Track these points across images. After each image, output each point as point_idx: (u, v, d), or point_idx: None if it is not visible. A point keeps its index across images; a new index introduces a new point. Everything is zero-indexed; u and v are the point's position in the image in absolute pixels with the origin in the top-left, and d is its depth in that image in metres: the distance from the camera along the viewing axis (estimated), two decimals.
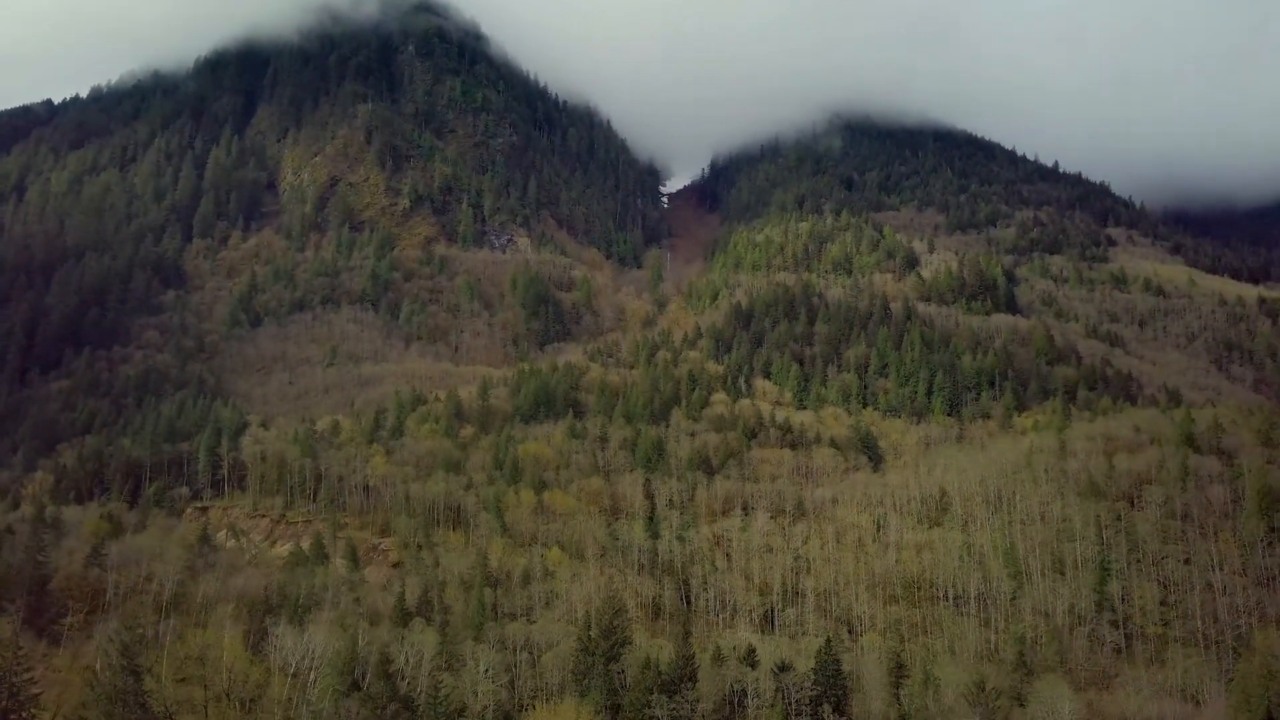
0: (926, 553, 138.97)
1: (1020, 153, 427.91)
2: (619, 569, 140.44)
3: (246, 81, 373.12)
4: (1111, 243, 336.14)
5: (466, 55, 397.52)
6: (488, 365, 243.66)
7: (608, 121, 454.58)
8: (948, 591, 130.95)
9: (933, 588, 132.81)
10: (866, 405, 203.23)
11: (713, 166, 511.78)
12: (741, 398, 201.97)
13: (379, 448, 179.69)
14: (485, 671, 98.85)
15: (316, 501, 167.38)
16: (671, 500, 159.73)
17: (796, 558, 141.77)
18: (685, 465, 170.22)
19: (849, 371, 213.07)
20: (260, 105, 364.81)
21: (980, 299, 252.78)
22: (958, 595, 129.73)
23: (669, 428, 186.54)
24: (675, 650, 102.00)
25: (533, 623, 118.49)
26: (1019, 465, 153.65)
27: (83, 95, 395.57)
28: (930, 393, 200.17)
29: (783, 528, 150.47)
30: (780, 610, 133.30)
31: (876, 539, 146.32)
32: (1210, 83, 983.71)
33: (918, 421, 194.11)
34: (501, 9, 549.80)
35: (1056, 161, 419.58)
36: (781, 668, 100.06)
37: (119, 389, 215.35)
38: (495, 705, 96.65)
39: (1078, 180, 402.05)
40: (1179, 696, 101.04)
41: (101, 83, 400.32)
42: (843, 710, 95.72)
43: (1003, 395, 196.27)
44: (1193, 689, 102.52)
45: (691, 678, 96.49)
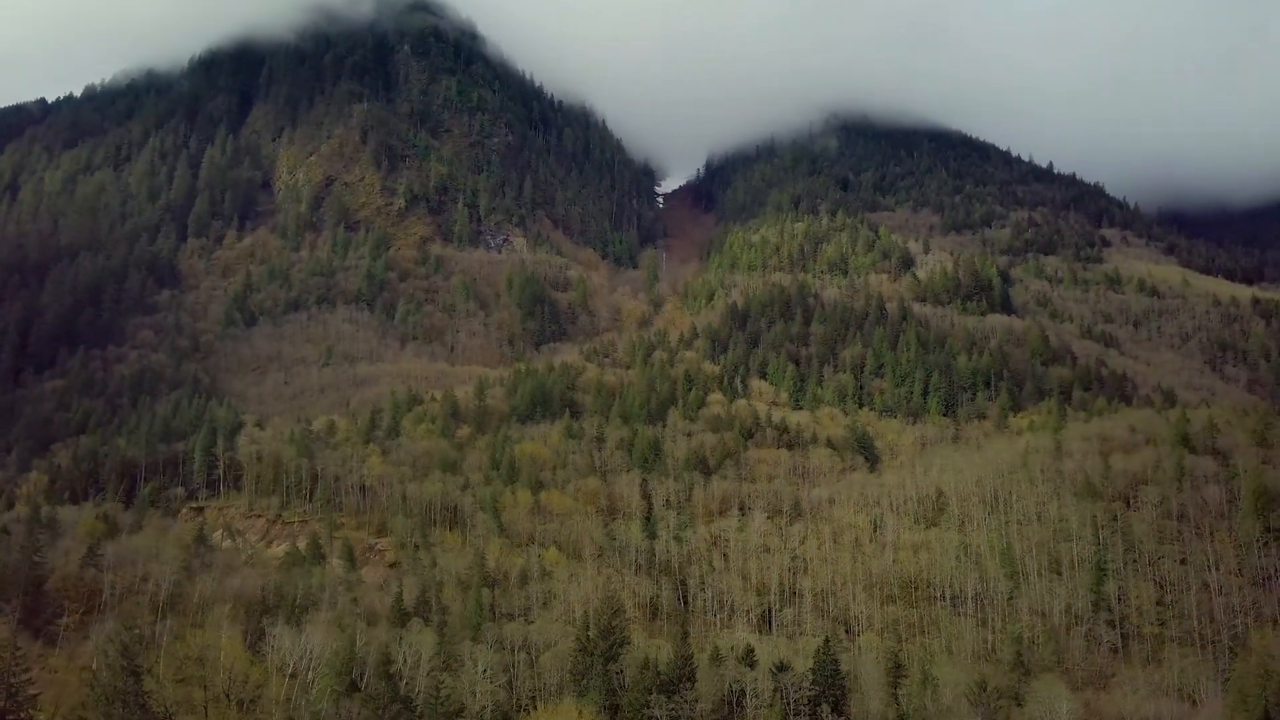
0: (923, 553, 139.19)
1: (1015, 153, 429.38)
2: (616, 569, 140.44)
3: (241, 81, 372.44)
4: (1106, 243, 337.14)
5: (462, 55, 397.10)
6: (483, 365, 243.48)
7: (603, 121, 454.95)
8: (945, 591, 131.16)
9: (930, 588, 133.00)
10: (862, 405, 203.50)
11: (708, 167, 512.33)
12: (738, 398, 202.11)
13: (375, 448, 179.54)
14: (484, 672, 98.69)
15: (312, 502, 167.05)
16: (668, 500, 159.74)
17: (794, 558, 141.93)
18: (682, 465, 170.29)
19: (845, 372, 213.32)
20: (255, 104, 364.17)
21: (975, 299, 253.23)
22: (955, 595, 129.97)
23: (665, 428, 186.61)
24: (674, 650, 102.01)
25: (530, 623, 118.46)
26: (1015, 465, 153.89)
27: (77, 94, 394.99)
28: (926, 393, 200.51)
29: (780, 528, 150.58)
30: (778, 610, 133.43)
31: (873, 539, 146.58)
32: (1204, 84, 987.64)
33: (914, 422, 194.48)
34: (497, 8, 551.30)
35: (1051, 162, 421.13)
36: (780, 668, 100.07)
37: (114, 388, 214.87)
38: (494, 705, 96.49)
39: (1072, 181, 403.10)
40: (1176, 696, 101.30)
41: (96, 81, 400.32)
42: (841, 710, 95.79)
43: (998, 396, 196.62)
44: (1189, 689, 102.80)
45: (690, 678, 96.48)
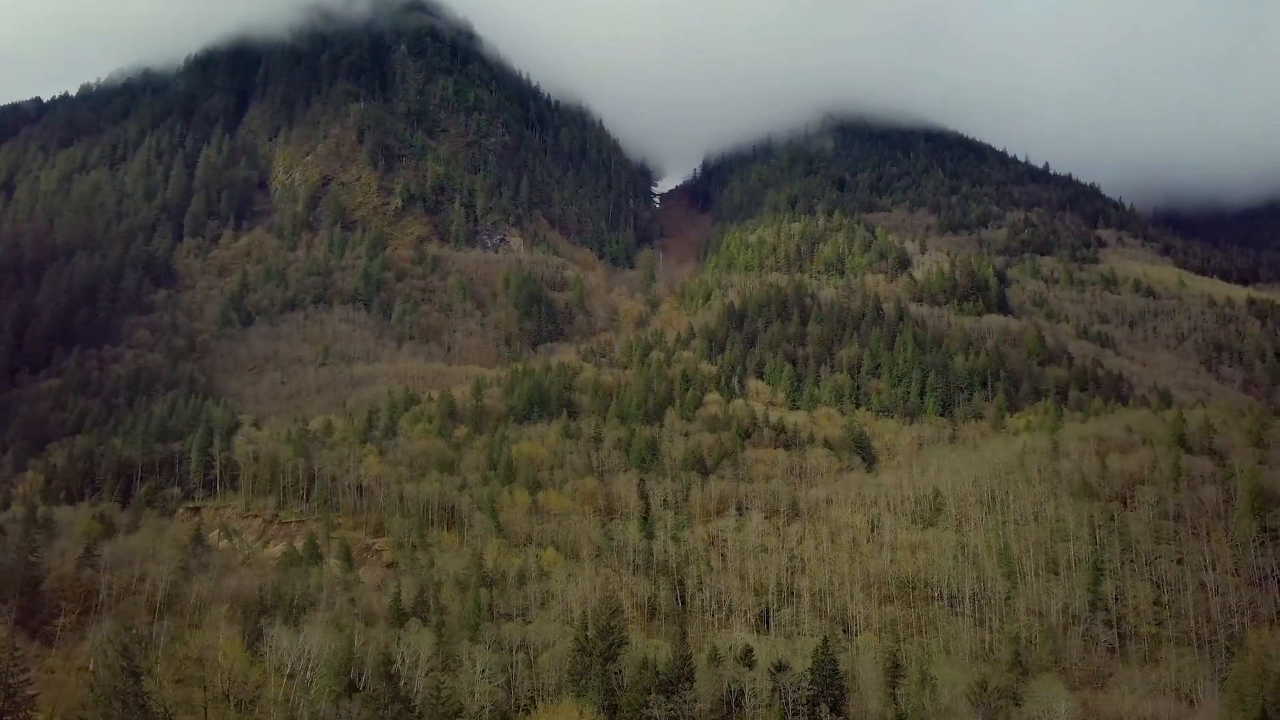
0: (921, 553, 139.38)
1: (1011, 154, 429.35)
2: (614, 569, 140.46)
3: (238, 80, 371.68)
4: (1102, 244, 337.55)
5: (459, 54, 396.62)
6: (480, 365, 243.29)
7: (600, 121, 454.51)
8: (942, 591, 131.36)
9: (927, 588, 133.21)
10: (859, 406, 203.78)
11: (705, 167, 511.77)
12: (735, 398, 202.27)
13: (372, 448, 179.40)
14: (482, 672, 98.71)
15: (309, 502, 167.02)
16: (666, 500, 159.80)
17: (791, 558, 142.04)
18: (679, 465, 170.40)
19: (842, 372, 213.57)
20: (252, 104, 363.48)
21: (972, 300, 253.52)
22: (952, 595, 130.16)
23: (663, 428, 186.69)
24: (672, 650, 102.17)
25: (529, 623, 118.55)
26: (1012, 466, 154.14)
27: (72, 93, 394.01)
28: (923, 393, 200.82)
29: (777, 528, 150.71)
30: (775, 610, 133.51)
31: (871, 539, 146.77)
32: (1200, 86, 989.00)
33: (910, 422, 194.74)
34: (494, 8, 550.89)
35: (1047, 163, 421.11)
36: (778, 667, 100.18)
37: (110, 388, 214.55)
38: (492, 706, 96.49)
39: (1068, 182, 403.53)
40: (1173, 696, 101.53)
41: (91, 80, 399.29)
42: (840, 710, 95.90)
43: (995, 396, 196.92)
44: (1186, 688, 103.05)
45: (689, 678, 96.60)
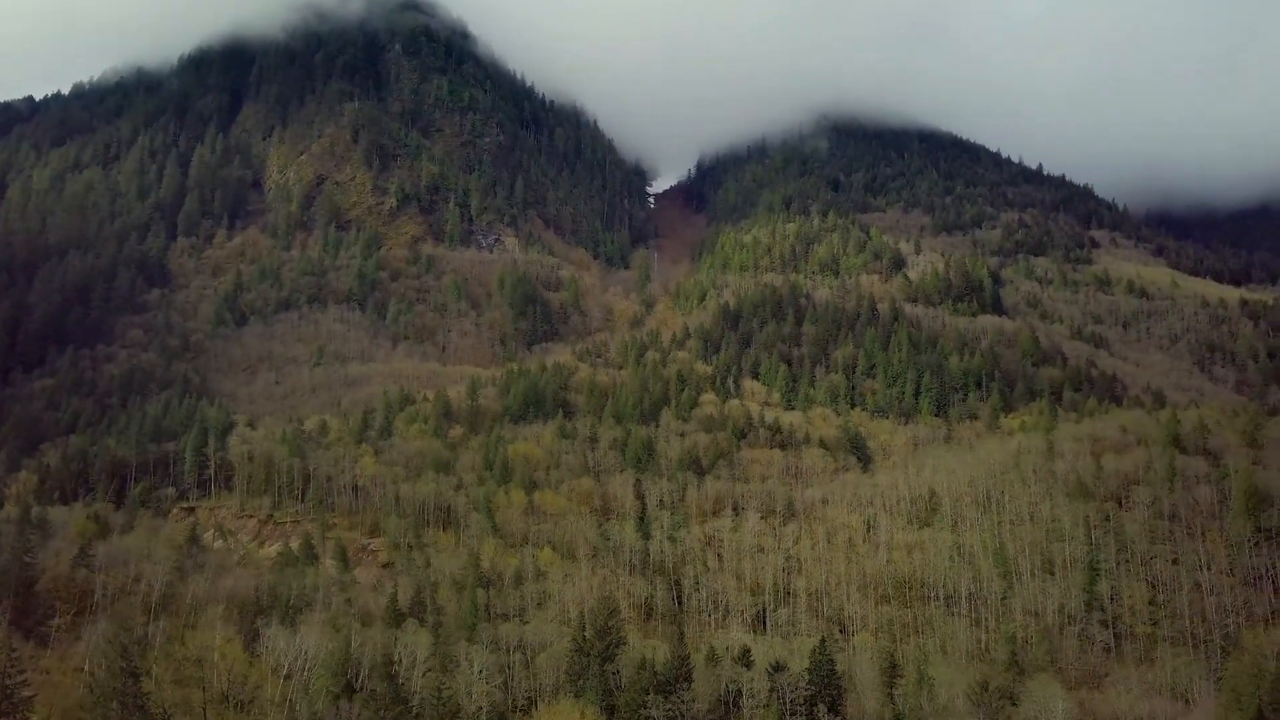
0: (917, 553, 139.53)
1: (1005, 155, 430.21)
2: (610, 569, 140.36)
3: (231, 79, 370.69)
4: (1095, 245, 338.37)
5: (453, 54, 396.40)
6: (475, 365, 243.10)
7: (594, 121, 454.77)
8: (939, 591, 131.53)
9: (924, 588, 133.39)
10: (854, 406, 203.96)
11: (699, 167, 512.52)
12: (730, 398, 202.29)
13: (367, 448, 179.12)
14: (479, 672, 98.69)
15: (305, 502, 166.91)
16: (662, 500, 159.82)
17: (788, 558, 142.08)
18: (675, 465, 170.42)
19: (837, 372, 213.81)
20: (245, 103, 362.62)
21: (966, 300, 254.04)
22: (949, 595, 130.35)
23: (659, 428, 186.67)
24: (670, 650, 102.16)
25: (526, 623, 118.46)
26: (1007, 466, 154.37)
27: (65, 92, 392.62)
28: (918, 393, 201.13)
29: (773, 528, 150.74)
30: (772, 610, 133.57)
31: (867, 539, 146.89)
32: (1192, 88, 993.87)
33: (905, 422, 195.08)
34: (488, 8, 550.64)
35: (1041, 164, 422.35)
36: (776, 668, 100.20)
37: (103, 388, 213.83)
38: (489, 706, 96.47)
39: (1062, 183, 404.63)
40: (1169, 695, 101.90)
41: (84, 79, 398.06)
42: (837, 710, 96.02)
43: (989, 396, 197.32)
44: (1182, 688, 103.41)
45: (687, 678, 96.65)
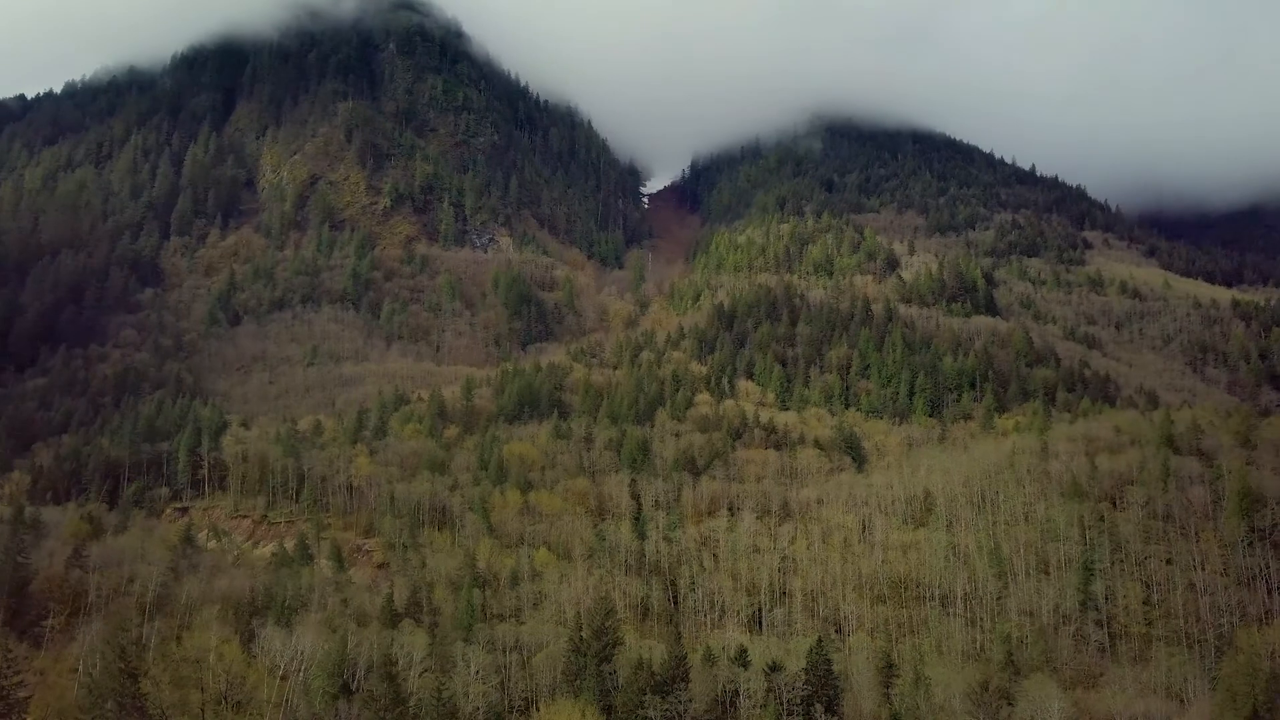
0: (912, 553, 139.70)
1: (998, 156, 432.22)
2: (606, 570, 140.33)
3: (225, 78, 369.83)
4: (1088, 245, 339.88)
5: (448, 54, 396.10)
6: (470, 365, 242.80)
7: (589, 121, 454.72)
8: (934, 591, 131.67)
9: (919, 588, 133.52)
10: (849, 406, 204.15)
11: (693, 167, 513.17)
12: (725, 398, 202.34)
13: (362, 448, 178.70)
14: (476, 673, 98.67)
15: (299, 502, 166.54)
16: (657, 501, 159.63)
17: (783, 558, 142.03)
18: (671, 466, 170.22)
19: (831, 373, 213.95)
20: (239, 102, 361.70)
21: (960, 301, 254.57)
22: (944, 595, 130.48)
23: (654, 428, 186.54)
24: (667, 651, 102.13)
25: (522, 624, 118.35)
26: (1002, 466, 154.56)
27: (57, 90, 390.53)
28: (912, 394, 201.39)
29: (769, 528, 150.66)
30: (768, 610, 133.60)
31: (862, 539, 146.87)
32: (1185, 90, 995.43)
33: (900, 422, 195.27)
34: (483, 7, 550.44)
35: (1034, 165, 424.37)
36: (773, 668, 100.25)
37: (96, 388, 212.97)
38: (487, 707, 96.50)
39: (1054, 184, 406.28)
40: (1164, 695, 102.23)
41: (76, 78, 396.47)
42: (835, 710, 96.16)
43: (984, 397, 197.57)
44: (1177, 687, 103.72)
45: (684, 678, 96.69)
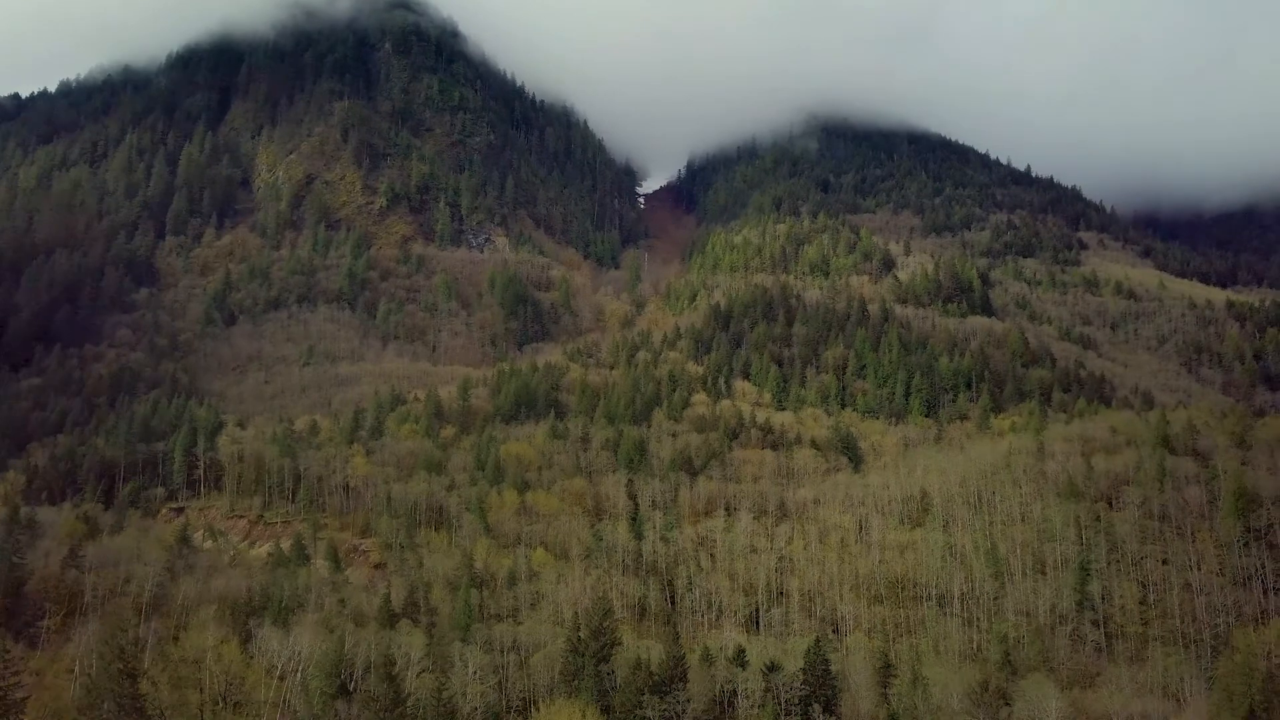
0: (909, 553, 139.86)
1: (994, 156, 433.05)
2: (604, 570, 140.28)
3: (220, 77, 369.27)
4: (1083, 246, 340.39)
5: (444, 53, 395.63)
6: (466, 365, 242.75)
7: (584, 121, 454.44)
8: (931, 591, 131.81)
9: (916, 588, 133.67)
10: (845, 406, 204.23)
11: (689, 167, 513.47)
12: (722, 399, 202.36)
13: (359, 448, 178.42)
14: (474, 673, 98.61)
15: (295, 502, 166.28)
16: (654, 501, 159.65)
17: (780, 558, 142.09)
18: (667, 466, 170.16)
19: (827, 373, 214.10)
20: (234, 102, 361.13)
21: (956, 301, 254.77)
22: (941, 595, 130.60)
23: (650, 428, 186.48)
24: (665, 651, 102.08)
25: (520, 624, 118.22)
26: (998, 466, 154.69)
27: (51, 89, 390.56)
28: (908, 394, 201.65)
29: (766, 528, 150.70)
30: (765, 610, 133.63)
31: (859, 539, 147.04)
32: (1180, 91, 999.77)
33: (896, 422, 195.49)
34: (478, 7, 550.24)
35: (1029, 165, 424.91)
36: (771, 667, 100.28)
37: (91, 387, 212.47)
38: (484, 707, 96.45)
39: (1050, 184, 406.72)
40: (1161, 694, 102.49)
41: (71, 77, 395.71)
42: (832, 710, 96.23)
43: (980, 397, 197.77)
44: (1174, 687, 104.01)
45: (682, 678, 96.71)
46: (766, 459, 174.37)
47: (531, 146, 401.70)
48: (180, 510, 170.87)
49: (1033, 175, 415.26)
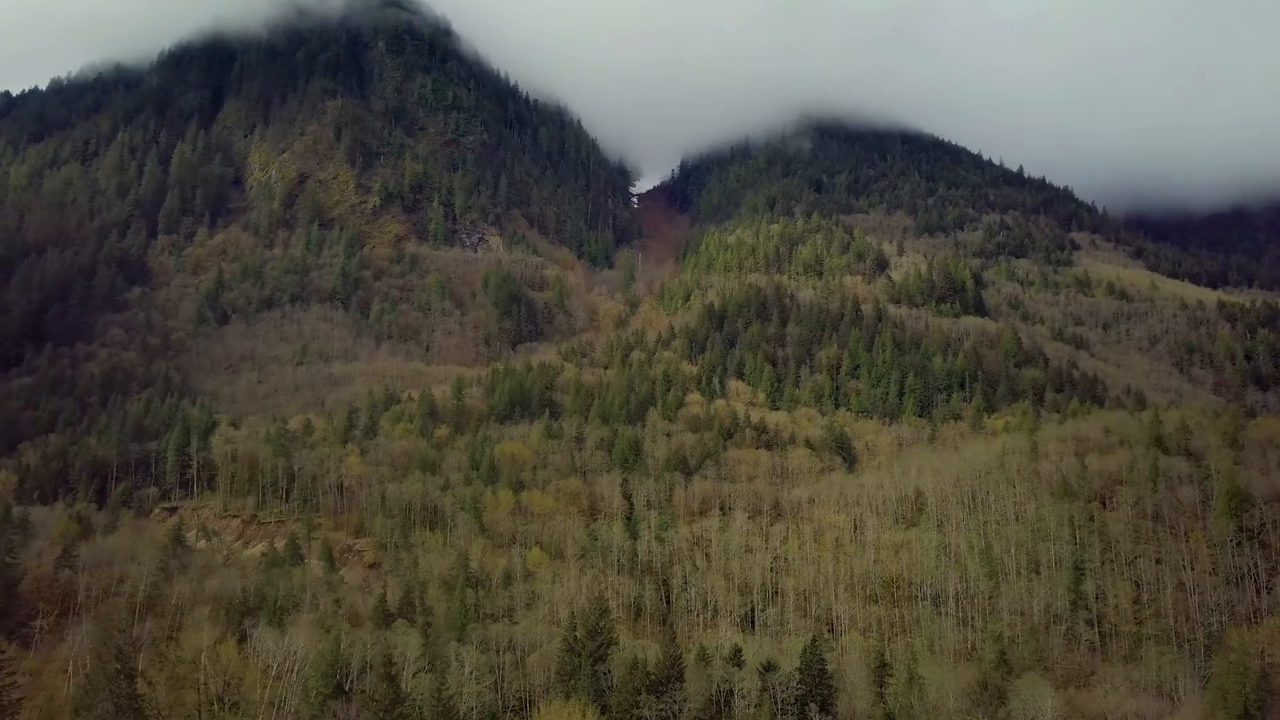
0: (904, 553, 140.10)
1: (986, 157, 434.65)
2: (599, 570, 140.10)
3: (212, 76, 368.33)
4: (1075, 247, 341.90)
5: (437, 52, 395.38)
6: (459, 365, 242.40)
7: (578, 121, 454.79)
8: (926, 591, 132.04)
9: (911, 587, 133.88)
10: (839, 406, 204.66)
11: (682, 167, 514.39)
12: (716, 398, 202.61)
13: (353, 447, 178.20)
14: (470, 673, 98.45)
15: (289, 502, 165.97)
16: (649, 501, 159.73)
17: (775, 558, 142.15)
18: (662, 465, 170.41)
19: (821, 373, 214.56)
20: (227, 100, 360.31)
21: (949, 301, 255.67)
22: (936, 595, 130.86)
23: (645, 428, 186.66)
24: (662, 650, 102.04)
25: (516, 624, 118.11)
26: (992, 466, 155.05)
27: (42, 87, 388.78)
28: (902, 394, 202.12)
29: (761, 528, 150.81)
30: (761, 610, 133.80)
31: (854, 539, 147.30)
32: (1170, 92, 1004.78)
33: (890, 422, 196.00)
34: (471, 6, 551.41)
35: (1021, 166, 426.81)
36: (767, 667, 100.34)
37: (83, 387, 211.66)
38: (481, 707, 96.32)
39: (1042, 185, 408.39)
40: (1155, 693, 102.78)
41: (62, 75, 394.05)
42: (829, 709, 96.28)
43: (973, 397, 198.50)
44: (1168, 686, 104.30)
45: (679, 678, 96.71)
46: (761, 459, 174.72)
47: (525, 146, 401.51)
48: (173, 510, 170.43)
49: (1025, 176, 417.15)
